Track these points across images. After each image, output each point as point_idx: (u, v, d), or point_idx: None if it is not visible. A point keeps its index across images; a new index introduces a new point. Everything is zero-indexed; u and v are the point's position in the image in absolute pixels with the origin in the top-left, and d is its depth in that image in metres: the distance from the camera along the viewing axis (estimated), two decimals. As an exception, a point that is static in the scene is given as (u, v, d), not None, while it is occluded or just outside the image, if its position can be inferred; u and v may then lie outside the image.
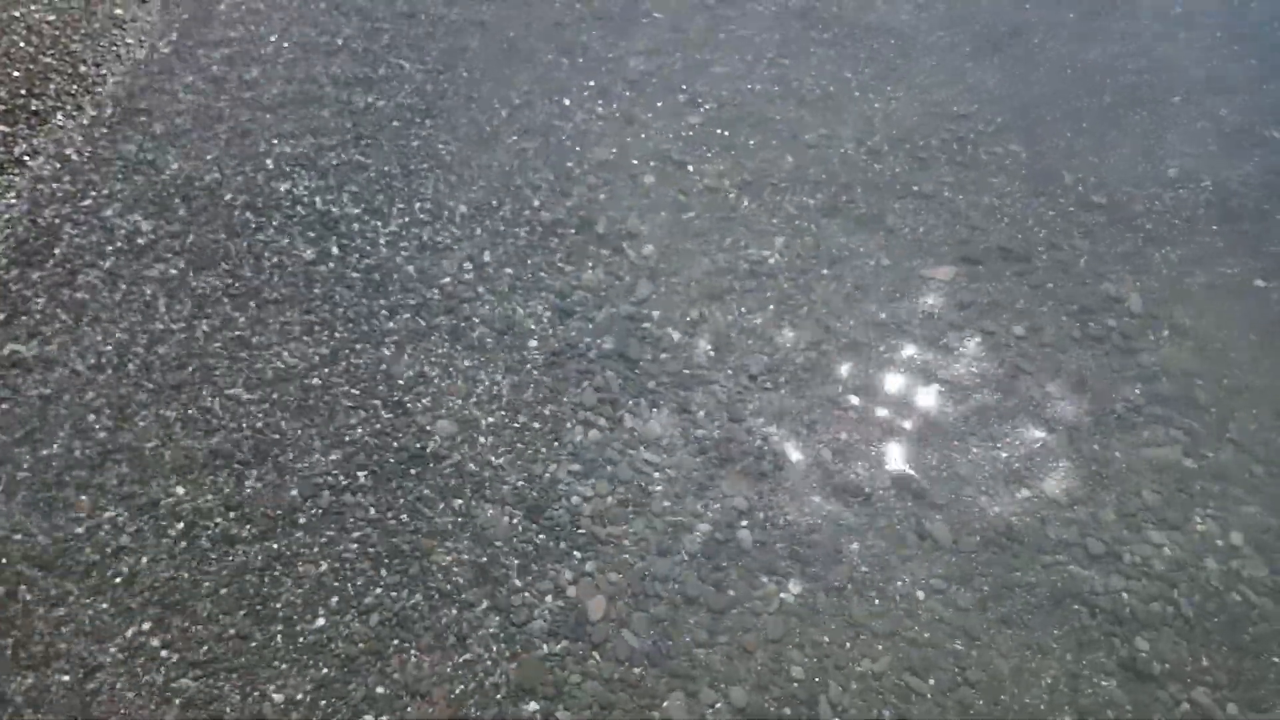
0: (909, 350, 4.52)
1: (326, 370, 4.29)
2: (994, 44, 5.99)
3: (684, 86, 5.77)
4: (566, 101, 5.68)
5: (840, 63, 5.89)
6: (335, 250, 4.79)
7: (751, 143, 5.46)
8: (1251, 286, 4.75)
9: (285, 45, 5.96)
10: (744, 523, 3.88)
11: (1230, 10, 6.14)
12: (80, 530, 3.63)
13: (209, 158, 5.19)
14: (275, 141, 5.33)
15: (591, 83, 5.80)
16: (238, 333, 4.39)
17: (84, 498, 3.72)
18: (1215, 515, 3.93)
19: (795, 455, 4.11)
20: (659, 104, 5.67)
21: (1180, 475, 4.06)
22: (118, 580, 3.51)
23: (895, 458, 4.12)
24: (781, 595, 3.66)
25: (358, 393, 4.22)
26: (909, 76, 5.81)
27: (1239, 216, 5.01)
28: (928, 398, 4.34)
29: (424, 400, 4.21)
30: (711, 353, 4.51)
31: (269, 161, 5.21)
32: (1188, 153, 5.33)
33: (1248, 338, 4.52)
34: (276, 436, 4.02)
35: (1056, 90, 5.71)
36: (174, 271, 4.61)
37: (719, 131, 5.52)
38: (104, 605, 3.44)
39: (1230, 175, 5.20)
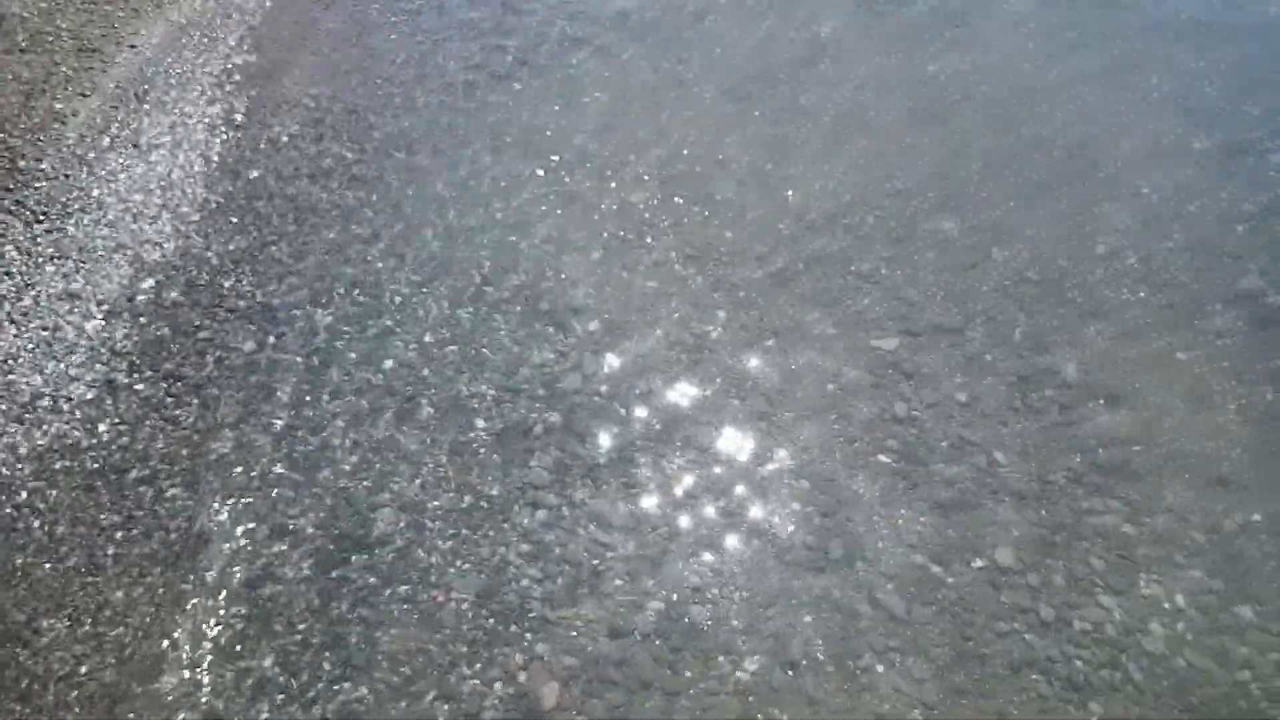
0: (856, 421, 4.56)
1: (267, 460, 4.19)
2: (927, 122, 6.20)
3: (628, 165, 5.85)
4: (509, 182, 5.73)
5: (779, 141, 6.04)
6: (273, 340, 4.71)
7: (695, 219, 5.54)
8: (1180, 353, 4.90)
9: (226, 135, 5.94)
10: (697, 600, 3.83)
11: (1153, 90, 6.44)
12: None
13: (154, 259, 5.11)
14: (217, 235, 5.27)
15: (536, 161, 5.86)
16: (182, 431, 4.27)
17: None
18: (1159, 580, 3.98)
19: (746, 529, 4.09)
20: (604, 182, 5.75)
21: (1123, 542, 4.12)
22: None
23: (847, 527, 4.12)
24: (738, 674, 3.60)
25: (300, 479, 4.12)
26: (845, 154, 5.98)
27: (1163, 288, 5.20)
28: (876, 468, 4.37)
29: (366, 483, 4.12)
30: (659, 427, 4.50)
31: (211, 256, 5.14)
32: (1115, 228, 5.53)
33: (1179, 406, 4.65)
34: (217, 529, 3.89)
35: (988, 167, 5.91)
36: (119, 376, 4.50)
37: (663, 208, 5.60)
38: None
39: (1155, 249, 5.40)
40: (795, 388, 4.70)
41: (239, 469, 4.14)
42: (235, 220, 5.35)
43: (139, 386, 4.43)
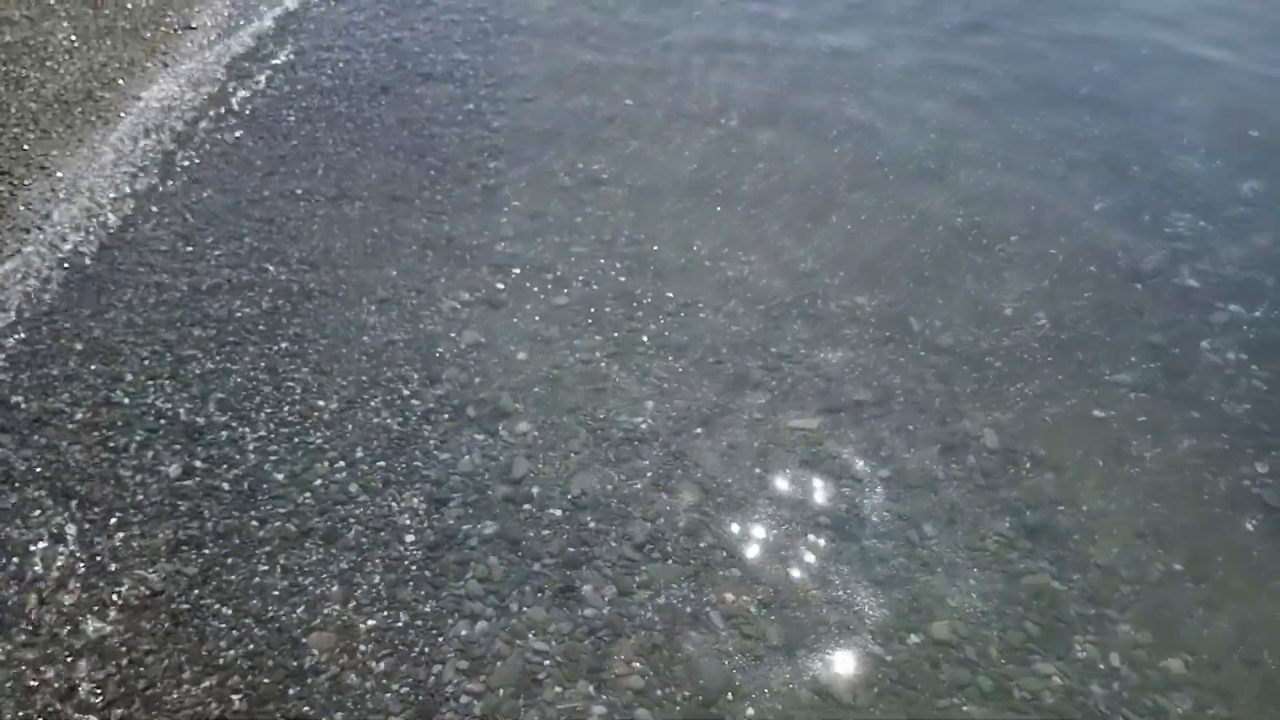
0: (786, 504, 4.61)
1: (195, 592, 4.10)
2: (832, 204, 6.41)
3: (548, 268, 5.95)
4: (433, 292, 5.78)
5: (692, 233, 6.20)
6: (200, 464, 4.66)
7: (617, 316, 5.63)
8: (1095, 411, 5.05)
9: (146, 257, 5.93)
10: (640, 703, 3.80)
11: (1049, 158, 6.75)
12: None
13: (59, 376, 5.05)
14: (135, 355, 5.24)
15: (458, 271, 5.94)
16: (96, 559, 4.18)
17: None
18: (1094, 640, 4.04)
19: (686, 624, 4.08)
20: (525, 287, 5.83)
21: (1056, 603, 4.18)
22: None
23: (785, 614, 4.13)
24: (684, 777, 3.56)
25: (229, 612, 4.04)
26: (757, 241, 6.14)
27: (1073, 348, 5.37)
28: (810, 549, 4.40)
29: (299, 611, 4.05)
30: (594, 526, 4.51)
31: (128, 375, 5.10)
32: (1022, 292, 5.73)
33: (1098, 463, 4.78)
34: (141, 670, 3.78)
35: (894, 241, 6.11)
36: (39, 508, 4.40)
37: (585, 307, 5.68)
38: None
39: (1062, 310, 5.60)
40: (724, 475, 4.75)
41: (169, 606, 4.04)
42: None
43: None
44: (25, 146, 6.54)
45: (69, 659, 3.81)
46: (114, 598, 4.05)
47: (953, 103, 7.37)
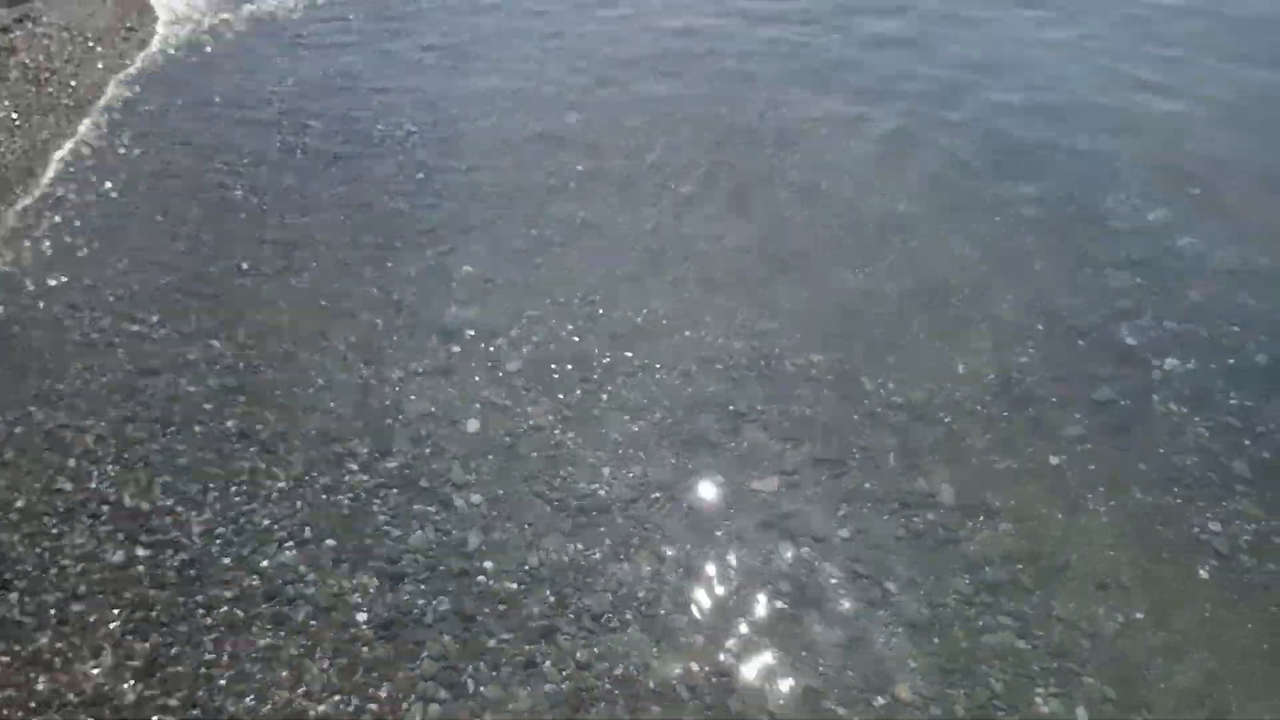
0: (747, 568, 4.56)
1: (140, 685, 3.94)
2: (783, 265, 6.46)
3: (500, 333, 5.92)
4: (383, 362, 5.72)
5: (647, 296, 6.20)
6: (144, 551, 4.52)
7: (572, 379, 5.60)
8: (1048, 465, 5.09)
9: (89, 335, 5.81)
10: (603, 782, 3.69)
11: (991, 217, 6.88)
12: None
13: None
14: (79, 436, 5.10)
15: (408, 340, 5.88)
16: (36, 654, 4.01)
17: None
18: (1058, 693, 4.02)
19: (649, 697, 3.99)
20: (477, 353, 5.78)
21: (1019, 659, 4.16)
22: None
23: (750, 678, 4.06)
24: None
25: (176, 704, 3.88)
26: (711, 302, 6.17)
27: (1024, 404, 5.43)
28: (774, 614, 4.35)
29: (248, 700, 3.91)
30: (552, 598, 4.42)
31: (70, 461, 4.96)
32: (972, 349, 5.79)
33: (1055, 516, 4.80)
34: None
35: (845, 301, 6.16)
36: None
37: (539, 373, 5.64)
38: None
39: (1011, 366, 5.66)
40: (683, 541, 4.70)
41: (112, 701, 3.88)
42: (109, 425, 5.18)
43: (-8, 622, 4.16)
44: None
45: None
46: (54, 698, 3.88)
47: (898, 166, 7.50)
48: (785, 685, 4.05)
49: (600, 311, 6.09)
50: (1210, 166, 7.39)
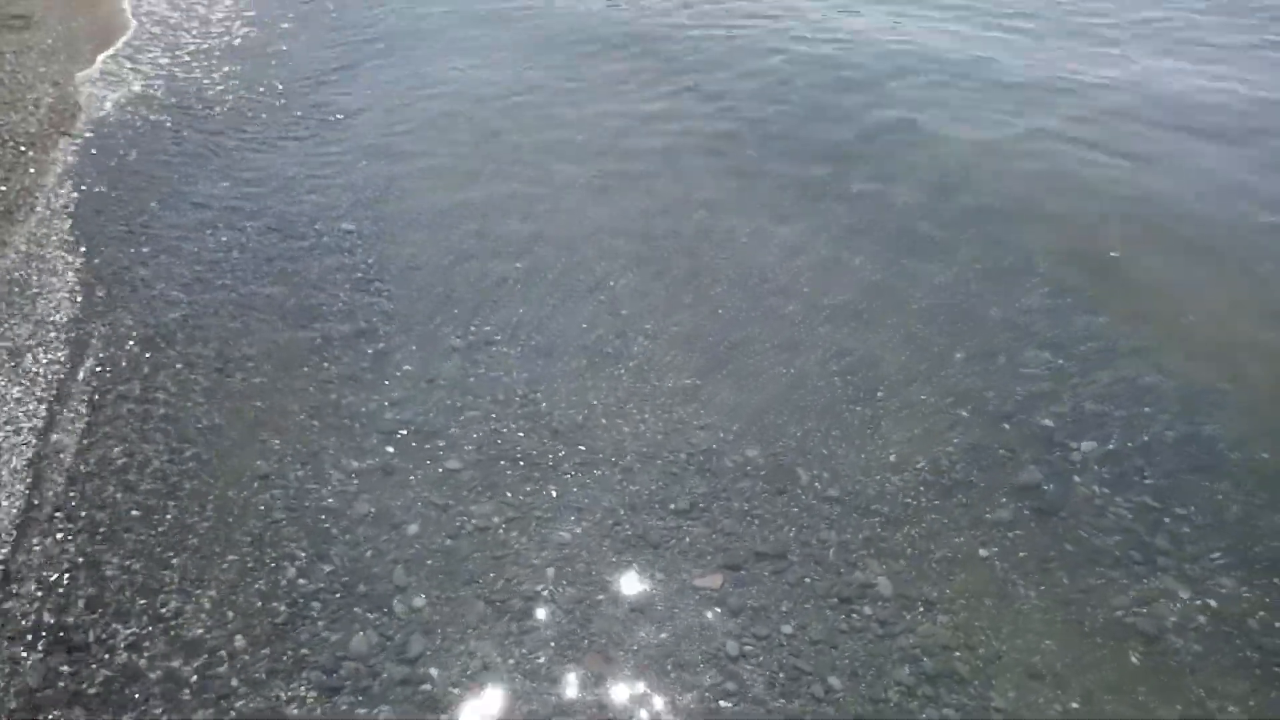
0: (691, 666, 4.57)
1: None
2: (718, 361, 6.62)
3: (440, 433, 5.92)
4: (321, 463, 5.66)
5: (586, 393, 6.28)
6: (66, 667, 4.35)
7: (513, 479, 5.61)
8: (979, 553, 5.23)
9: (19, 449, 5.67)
10: None
11: (911, 305, 7.15)
12: None
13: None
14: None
15: (346, 441, 5.84)
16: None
17: None
18: (1001, 786, 4.08)
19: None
20: (417, 453, 5.77)
21: (961, 751, 4.22)
22: None
23: (696, 788, 4.05)
24: None
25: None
26: (650, 398, 6.27)
27: (954, 491, 5.60)
28: (720, 714, 4.35)
29: (180, 824, 3.76)
30: (497, 705, 4.36)
31: (-10, 573, 4.79)
32: (901, 438, 5.97)
33: (986, 606, 4.92)
34: None
35: (778, 395, 6.32)
36: None
37: (480, 472, 5.65)
38: None
39: (939, 453, 5.84)
40: (628, 640, 4.70)
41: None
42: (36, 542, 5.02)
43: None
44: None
45: None
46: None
47: (821, 260, 7.77)
48: (734, 787, 4.04)
49: (541, 409, 6.14)
50: (1120, 245, 7.83)
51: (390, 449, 5.80)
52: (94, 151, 9.29)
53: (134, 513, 5.28)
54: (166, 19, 13.20)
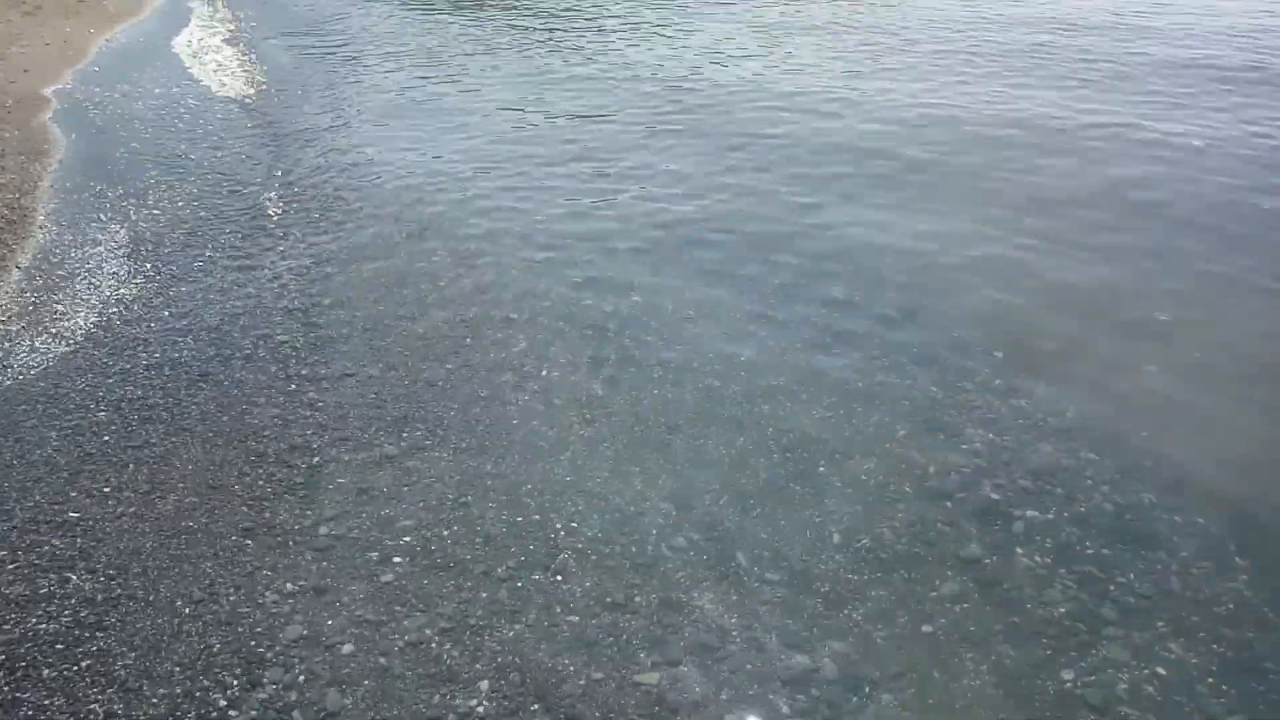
0: (633, 774, 4.45)
1: None
2: (652, 446, 6.60)
3: (373, 546, 5.82)
4: (253, 585, 5.54)
5: (519, 494, 6.22)
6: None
7: (446, 589, 5.50)
8: (924, 629, 5.17)
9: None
10: None
11: (853, 381, 7.20)
12: None
13: None
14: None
15: (280, 561, 5.72)
16: None
17: None
18: None
19: None
20: (350, 568, 5.66)
21: (911, 840, 4.11)
22: None
23: None
24: None
25: None
26: (583, 491, 6.21)
27: (896, 567, 5.55)
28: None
29: None
30: (432, 830, 4.21)
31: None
32: (843, 516, 5.94)
33: (933, 683, 4.85)
34: None
35: (715, 478, 6.29)
36: None
37: (414, 584, 5.54)
38: None
39: (882, 531, 5.81)
40: (568, 749, 4.57)
41: None
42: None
43: None
44: None
45: None
46: None
47: (759, 341, 7.83)
48: None
49: (473, 513, 6.06)
50: (1051, 323, 7.96)
51: (324, 565, 5.68)
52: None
53: (58, 646, 5.11)
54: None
